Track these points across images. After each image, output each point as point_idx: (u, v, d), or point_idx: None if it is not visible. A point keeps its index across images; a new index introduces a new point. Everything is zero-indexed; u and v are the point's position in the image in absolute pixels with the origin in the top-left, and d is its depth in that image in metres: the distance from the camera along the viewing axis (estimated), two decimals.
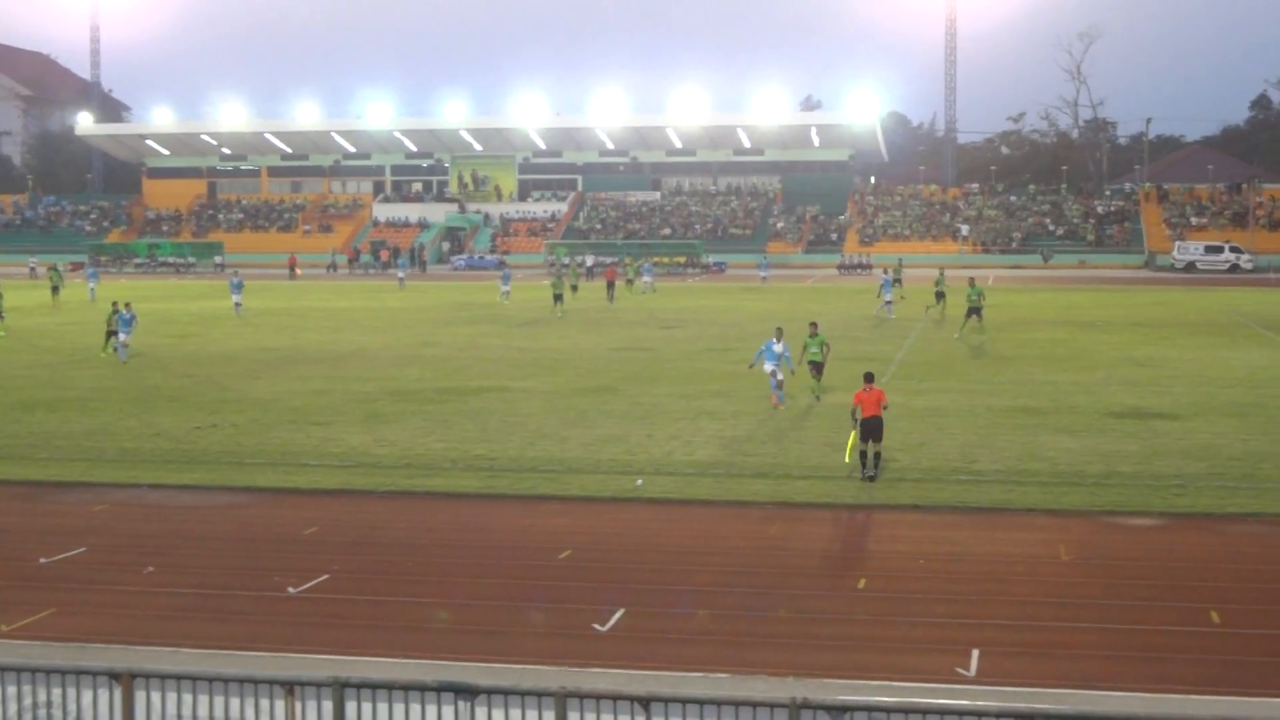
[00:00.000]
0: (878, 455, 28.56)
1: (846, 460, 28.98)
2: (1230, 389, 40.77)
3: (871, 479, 28.13)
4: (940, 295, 68.69)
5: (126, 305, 51.59)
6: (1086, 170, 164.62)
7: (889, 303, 69.29)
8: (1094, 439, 33.01)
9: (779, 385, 38.35)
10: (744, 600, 20.71)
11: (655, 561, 22.94)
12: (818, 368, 39.29)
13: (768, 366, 38.55)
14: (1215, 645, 18.62)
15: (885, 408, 28.96)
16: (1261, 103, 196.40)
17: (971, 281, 61.29)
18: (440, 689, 12.67)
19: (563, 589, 21.33)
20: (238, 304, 72.96)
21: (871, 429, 28.39)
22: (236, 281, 75.09)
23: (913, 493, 27.56)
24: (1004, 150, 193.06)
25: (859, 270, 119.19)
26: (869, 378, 29.67)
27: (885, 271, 72.82)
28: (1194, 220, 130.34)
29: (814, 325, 40.26)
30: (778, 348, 38.52)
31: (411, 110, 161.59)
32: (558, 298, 72.42)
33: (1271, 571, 22.20)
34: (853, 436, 28.94)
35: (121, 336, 50.23)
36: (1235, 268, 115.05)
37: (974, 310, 58.51)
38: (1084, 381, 43.17)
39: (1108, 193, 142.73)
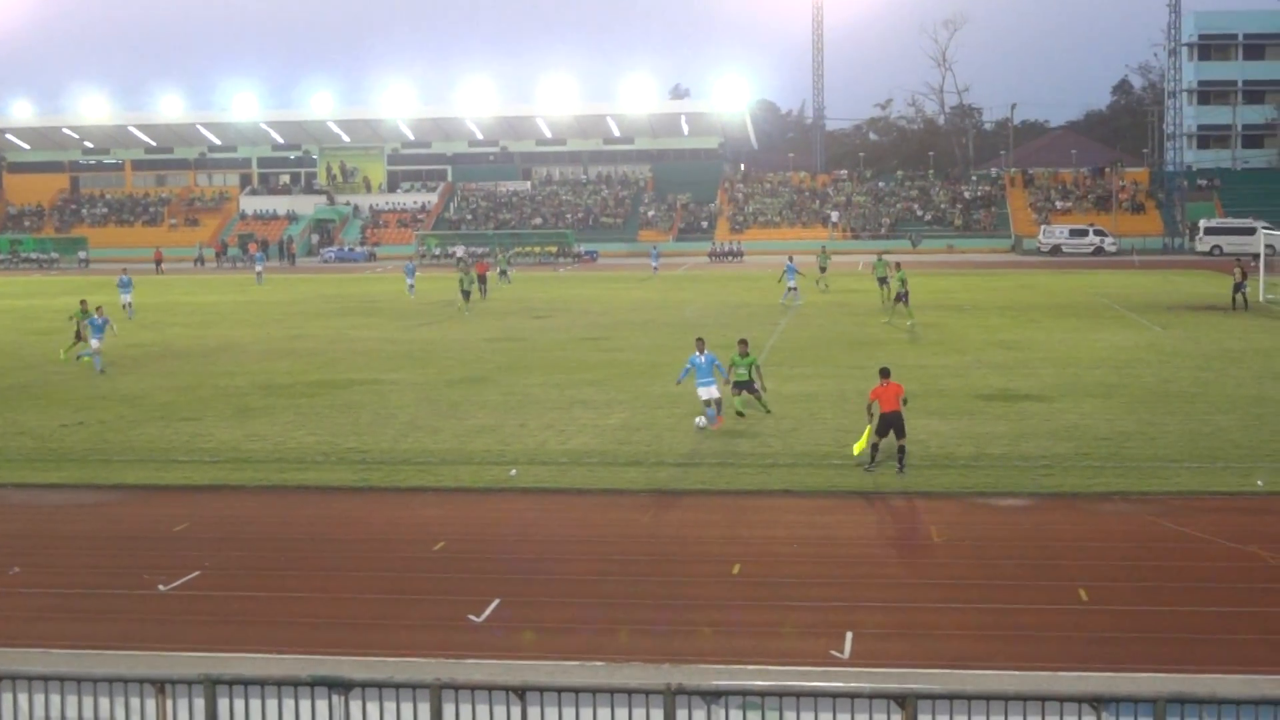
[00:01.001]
0: (902, 449, 28.05)
1: (855, 453, 28.53)
2: (1095, 370, 41.44)
3: (900, 472, 27.65)
4: (883, 281, 68.37)
5: (99, 309, 47.46)
6: (953, 156, 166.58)
7: (793, 289, 69.20)
8: (964, 421, 33.43)
9: (718, 406, 32.90)
10: (619, 588, 20.74)
11: (530, 551, 22.89)
12: (745, 387, 33.84)
13: (703, 392, 32.88)
14: (1083, 622, 18.92)
15: (905, 401, 28.49)
16: (1123, 87, 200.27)
17: (897, 266, 61.50)
18: (314, 684, 12.57)
19: (437, 581, 21.24)
20: (127, 304, 66.57)
21: (892, 423, 27.96)
22: (125, 280, 69.18)
23: (786, 478, 27.73)
24: (872, 137, 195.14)
25: (730, 258, 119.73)
26: (885, 373, 29.18)
27: (789, 259, 72.87)
28: (1059, 204, 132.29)
29: (743, 343, 34.58)
30: (701, 359, 33.25)
31: (278, 102, 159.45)
32: (466, 294, 70.30)
33: (1137, 549, 22.59)
34: (867, 430, 28.50)
35: (94, 343, 45.37)
36: (1099, 250, 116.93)
37: (901, 296, 58.21)
38: (953, 365, 43.70)
39: (974, 178, 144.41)
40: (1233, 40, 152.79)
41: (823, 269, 76.89)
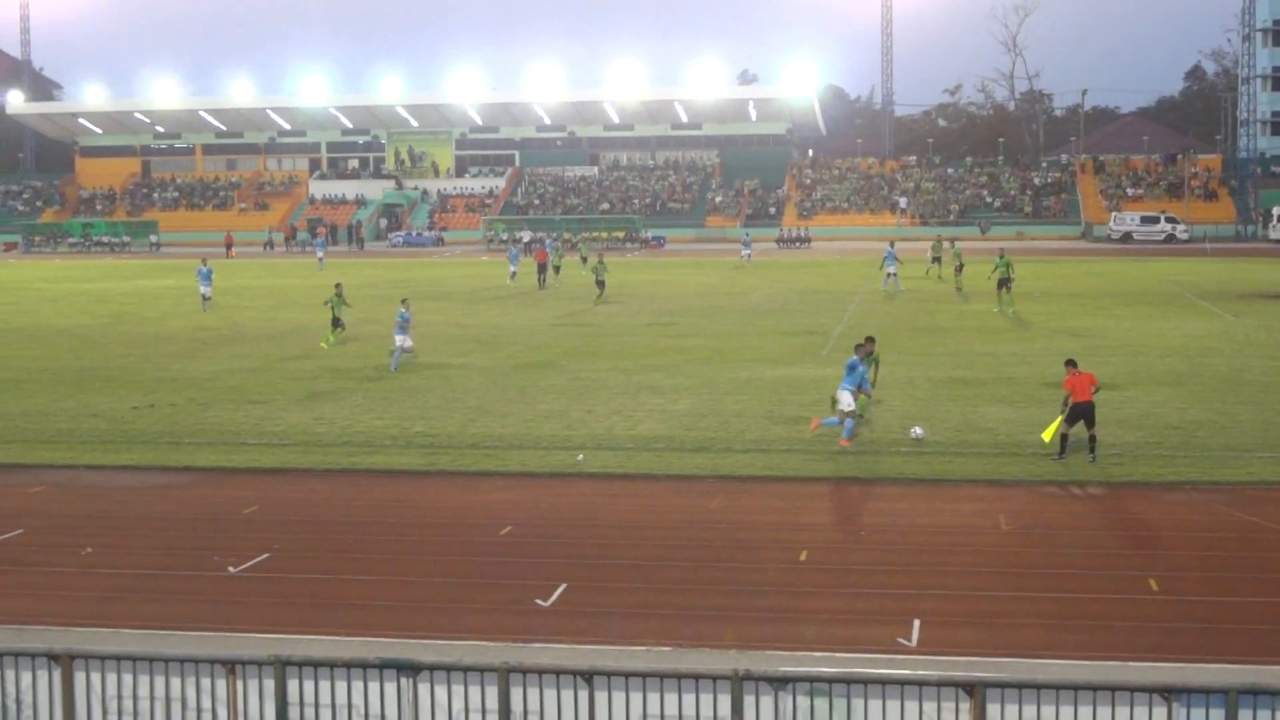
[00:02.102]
0: (1093, 438, 27.67)
1: (1046, 439, 28.19)
2: (1166, 358, 41.08)
3: (1092, 462, 27.30)
4: (958, 267, 69.03)
5: (404, 303, 43.56)
6: (1023, 142, 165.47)
7: (892, 274, 68.85)
8: (1032, 409, 33.19)
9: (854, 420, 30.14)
10: (686, 574, 20.73)
11: (597, 536, 22.93)
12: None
13: (847, 401, 29.87)
14: (1153, 613, 18.78)
15: (1098, 390, 28.05)
16: (1195, 74, 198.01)
17: (1000, 253, 60.90)
18: (382, 666, 12.62)
19: (504, 565, 21.28)
20: (206, 296, 62.50)
21: (1083, 413, 27.51)
22: (205, 271, 63.77)
23: (854, 465, 27.65)
24: (941, 123, 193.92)
25: (797, 244, 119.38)
26: (1072, 363, 28.59)
27: (890, 244, 72.65)
28: (1130, 191, 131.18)
29: (870, 341, 33.04)
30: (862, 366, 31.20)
31: (347, 87, 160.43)
32: (600, 283, 67.24)
33: (1208, 539, 22.41)
34: (1058, 420, 28.06)
35: (399, 340, 41.59)
36: (1171, 238, 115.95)
37: (1004, 282, 57.85)
38: (1022, 352, 43.42)
39: (1044, 164, 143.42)
40: None
41: (937, 259, 75.99)
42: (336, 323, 47.97)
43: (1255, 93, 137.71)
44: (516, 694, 12.41)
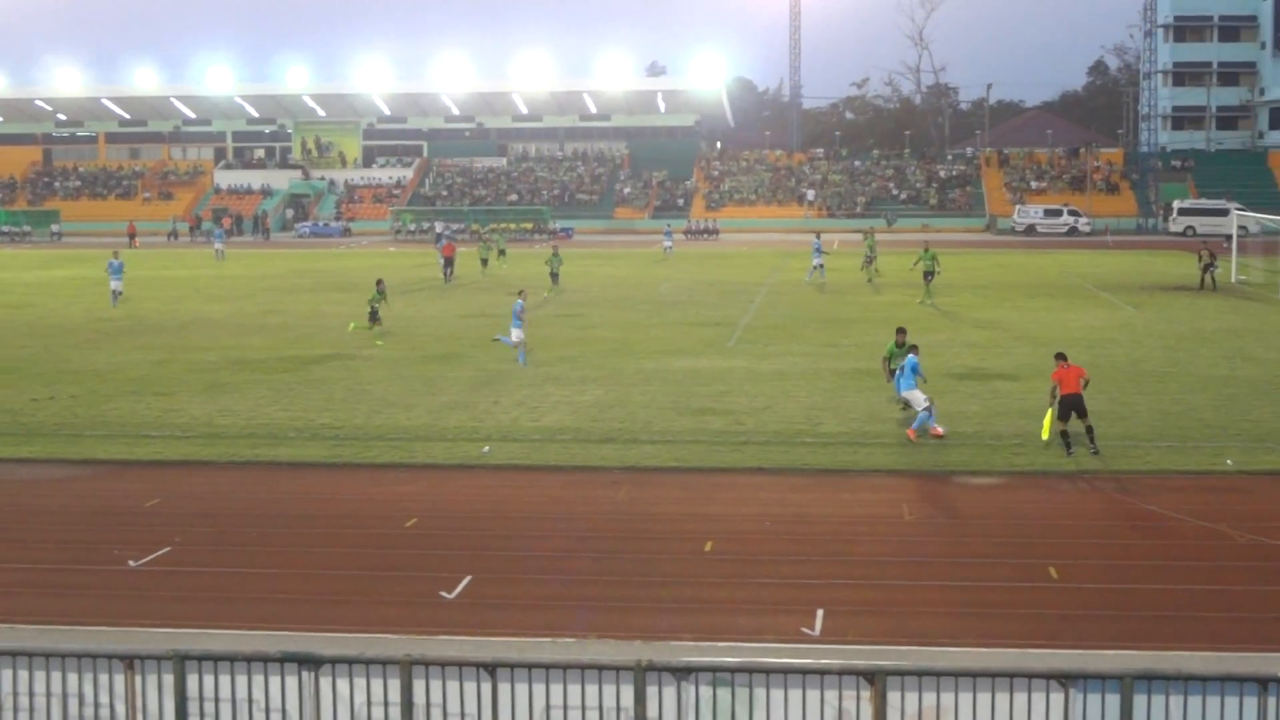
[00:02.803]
0: (1090, 429, 27.80)
1: (1044, 438, 28.27)
2: (1068, 349, 41.34)
3: (1095, 454, 27.35)
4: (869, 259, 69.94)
5: (521, 294, 41.92)
6: (929, 135, 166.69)
7: (819, 266, 69.00)
8: (936, 400, 33.42)
9: (931, 410, 29.72)
10: (591, 565, 20.76)
11: (503, 528, 22.90)
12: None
13: (920, 399, 29.85)
14: (1053, 600, 19.01)
15: (1087, 383, 28.20)
16: (1098, 69, 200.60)
17: (925, 246, 61.50)
18: (283, 660, 12.52)
19: (409, 557, 21.23)
20: (117, 291, 59.88)
21: (1073, 404, 27.67)
22: (116, 265, 60.97)
23: (759, 455, 27.78)
24: (848, 115, 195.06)
25: (705, 235, 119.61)
26: (1062, 356, 28.87)
27: (817, 236, 72.76)
28: (1034, 184, 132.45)
29: (900, 332, 33.01)
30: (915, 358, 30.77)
31: (253, 75, 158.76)
32: (554, 276, 67.58)
33: (1107, 527, 22.71)
34: (1049, 414, 28.33)
35: (516, 334, 40.15)
36: (1074, 230, 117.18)
37: (928, 274, 58.30)
38: (927, 344, 43.53)
39: (950, 157, 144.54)
40: (1208, 22, 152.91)
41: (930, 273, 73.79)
42: (374, 316, 46.62)
43: (1156, 88, 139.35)
44: (419, 686, 12.36)
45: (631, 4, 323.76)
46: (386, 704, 12.34)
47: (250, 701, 12.54)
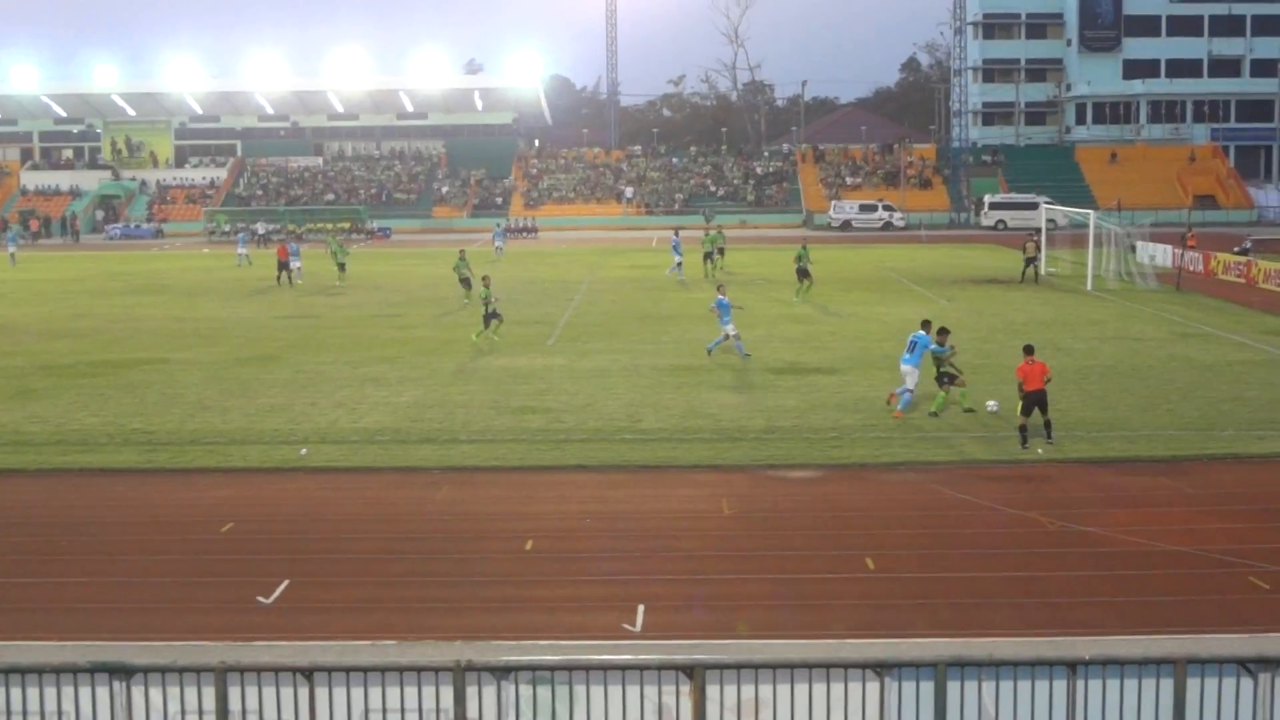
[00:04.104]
0: (1049, 424, 28.16)
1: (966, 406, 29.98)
2: (883, 343, 42.12)
3: (1049, 444, 27.83)
4: (707, 255, 70.29)
5: (721, 289, 41.87)
6: (745, 132, 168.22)
7: (679, 264, 69.10)
8: (755, 395, 33.80)
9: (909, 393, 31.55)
10: (412, 566, 20.63)
11: (321, 531, 22.65)
12: (949, 379, 31.69)
13: (911, 373, 31.59)
14: (869, 590, 19.30)
15: (1049, 380, 28.40)
16: (911, 66, 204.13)
17: (803, 244, 61.82)
18: (94, 670, 12.25)
19: (225, 563, 20.92)
20: None
21: (1036, 400, 27.95)
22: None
23: (579, 453, 27.82)
24: (666, 113, 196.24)
25: (525, 234, 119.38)
26: (1029, 350, 29.09)
27: (675, 234, 72.68)
28: (849, 180, 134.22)
29: (943, 333, 32.27)
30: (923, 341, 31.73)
31: (59, 74, 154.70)
32: (341, 266, 68.70)
33: (922, 517, 23.10)
34: (1018, 406, 28.59)
35: (729, 330, 40.01)
36: (888, 225, 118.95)
37: (803, 271, 58.49)
38: (745, 339, 44.06)
39: (766, 154, 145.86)
40: (1016, 20, 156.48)
41: (718, 251, 73.88)
42: (492, 316, 44.00)
43: (967, 84, 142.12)
44: (235, 693, 12.17)
45: (448, 1, 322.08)
46: (201, 712, 12.14)
47: (60, 713, 12.26)
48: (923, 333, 31.80)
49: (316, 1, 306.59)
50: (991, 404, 31.12)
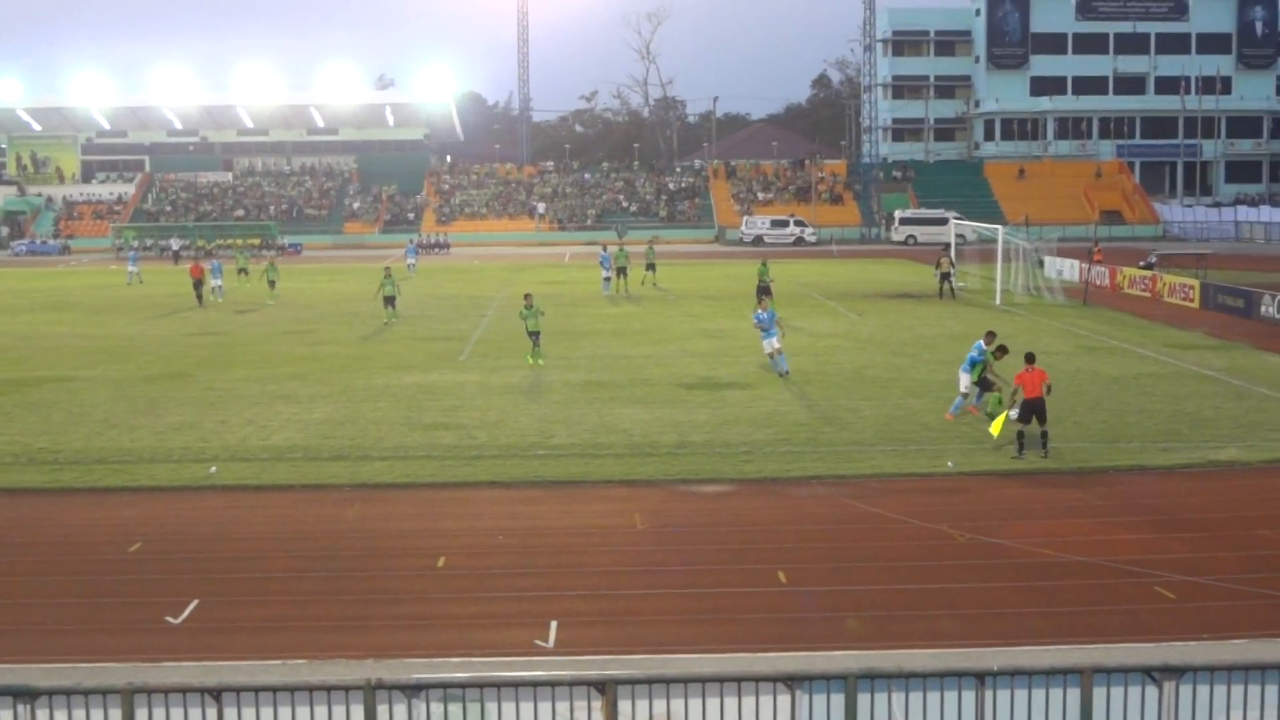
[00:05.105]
0: (1045, 434, 28.35)
1: (995, 435, 29.18)
2: (795, 358, 42.25)
3: (1044, 456, 28.10)
4: (650, 267, 72.03)
5: (762, 302, 41.76)
6: (658, 148, 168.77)
7: (608, 278, 69.14)
8: (667, 410, 33.85)
9: (962, 398, 32.60)
10: (322, 585, 20.48)
11: (231, 550, 22.44)
12: (986, 386, 32.22)
13: (961, 377, 32.63)
14: (781, 604, 19.36)
15: (1049, 389, 28.59)
16: (822, 82, 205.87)
17: (763, 261, 61.79)
18: None
19: (133, 583, 20.67)
20: None
21: (1035, 409, 28.13)
22: None
23: (491, 469, 27.74)
24: (578, 129, 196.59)
25: (437, 250, 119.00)
26: (1030, 358, 29.21)
27: (604, 249, 72.68)
28: (761, 195, 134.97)
29: (989, 336, 32.91)
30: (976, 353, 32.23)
31: None
32: (272, 284, 68.76)
33: (834, 531, 23.21)
34: (1003, 416, 29.05)
35: (771, 344, 39.26)
36: (800, 240, 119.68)
37: (763, 288, 58.38)
38: (658, 354, 44.23)
39: (679, 169, 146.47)
40: (924, 37, 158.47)
41: (650, 266, 74.38)
42: (534, 336, 42.71)
43: (877, 100, 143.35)
44: (142, 715, 12.07)
45: (358, 15, 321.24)
46: None
47: None
48: (981, 342, 32.37)
49: (225, 16, 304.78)
50: (1013, 412, 31.34)
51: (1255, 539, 22.51)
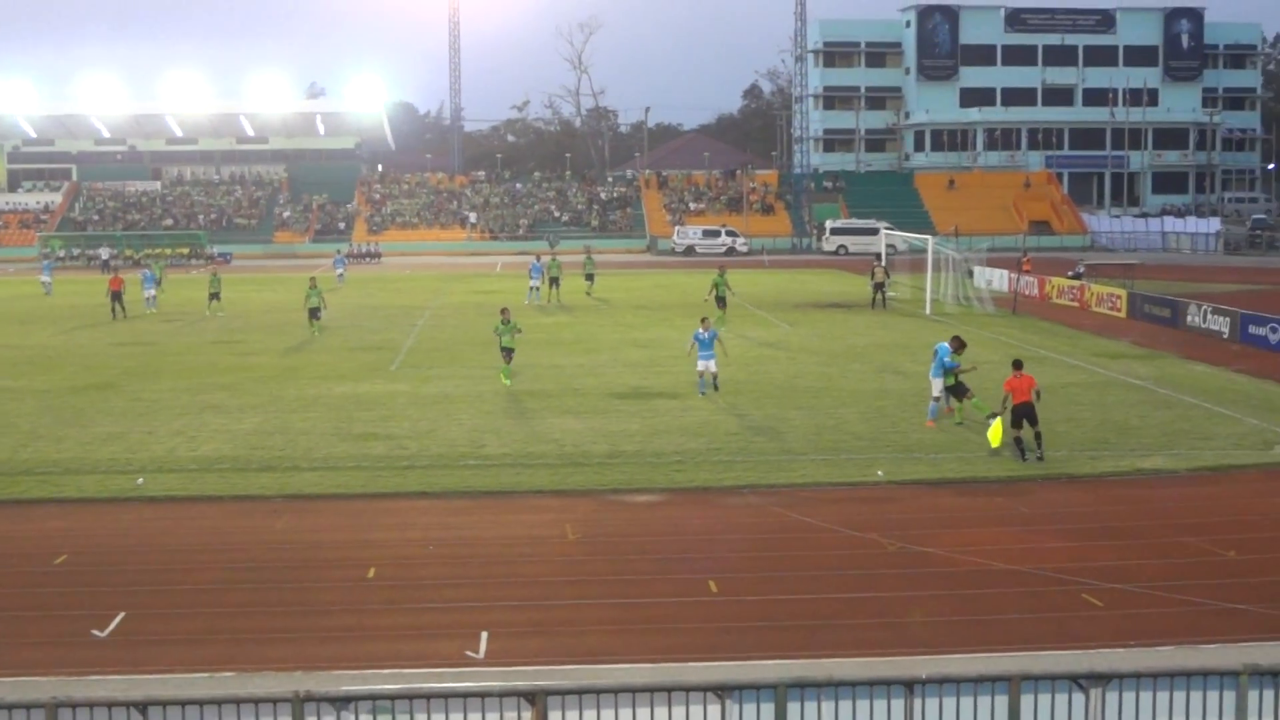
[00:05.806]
0: (1038, 435, 28.71)
1: (994, 445, 29.34)
2: (726, 367, 42.19)
3: (1040, 460, 28.53)
4: (589, 277, 72.47)
5: (704, 321, 39.49)
6: (589, 158, 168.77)
7: (535, 288, 68.85)
8: (598, 420, 33.85)
9: (943, 399, 33.28)
10: (251, 597, 20.37)
11: (158, 562, 22.27)
12: (955, 392, 33.18)
13: (934, 381, 33.15)
14: (712, 613, 19.39)
15: (1039, 394, 28.91)
16: (753, 92, 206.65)
17: (720, 270, 61.42)
18: None
19: (58, 596, 20.47)
20: None
21: (1024, 413, 28.50)
22: None
23: (422, 479, 27.65)
24: (510, 138, 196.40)
25: (368, 259, 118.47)
26: (1018, 364, 29.75)
27: (538, 258, 72.33)
28: (692, 205, 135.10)
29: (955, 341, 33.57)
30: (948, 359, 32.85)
31: None
32: (213, 296, 65.42)
33: (764, 540, 23.28)
34: (998, 423, 29.24)
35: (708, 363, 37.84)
36: (731, 250, 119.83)
37: (721, 299, 58.22)
38: (589, 364, 44.22)
39: (610, 179, 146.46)
40: (855, 49, 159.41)
41: (589, 276, 74.15)
42: (507, 353, 40.86)
43: (808, 111, 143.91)
44: None
45: (289, 24, 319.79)
46: None
47: None
48: (944, 344, 33.02)
49: (153, 24, 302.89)
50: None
51: (1181, 546, 22.76)
